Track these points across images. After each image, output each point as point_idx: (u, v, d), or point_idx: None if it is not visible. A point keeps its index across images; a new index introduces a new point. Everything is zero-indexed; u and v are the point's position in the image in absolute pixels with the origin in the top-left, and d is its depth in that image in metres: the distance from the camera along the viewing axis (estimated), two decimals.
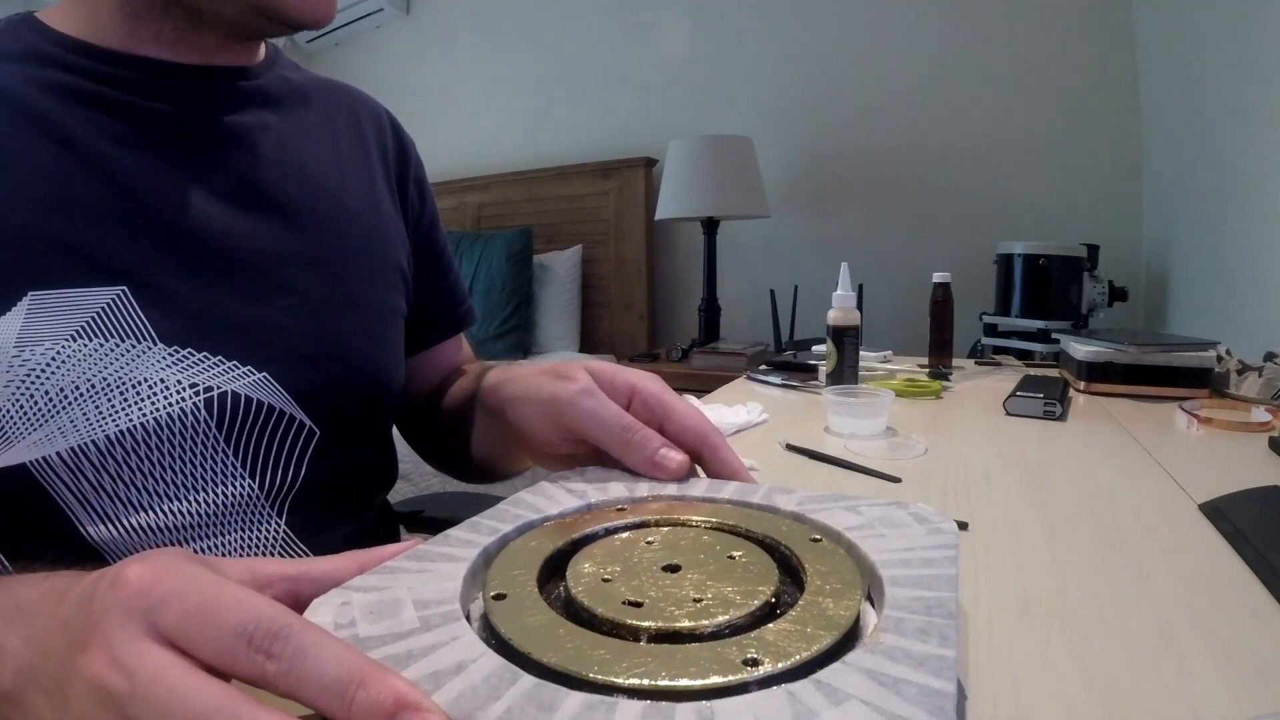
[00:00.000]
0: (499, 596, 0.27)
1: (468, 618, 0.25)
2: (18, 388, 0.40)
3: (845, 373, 0.94)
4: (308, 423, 0.49)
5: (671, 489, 0.37)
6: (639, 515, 0.34)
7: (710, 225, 2.20)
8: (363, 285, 0.54)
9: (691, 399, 0.89)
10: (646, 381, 0.40)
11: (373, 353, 0.54)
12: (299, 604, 0.25)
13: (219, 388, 0.44)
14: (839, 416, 0.76)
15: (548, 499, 0.36)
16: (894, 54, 2.19)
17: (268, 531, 0.47)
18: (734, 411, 0.81)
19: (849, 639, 0.24)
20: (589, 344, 2.62)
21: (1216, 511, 0.48)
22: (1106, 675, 0.30)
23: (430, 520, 0.83)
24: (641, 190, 2.49)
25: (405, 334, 0.62)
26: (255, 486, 0.46)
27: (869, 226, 2.23)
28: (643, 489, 0.37)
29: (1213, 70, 1.46)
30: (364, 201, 0.57)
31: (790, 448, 0.69)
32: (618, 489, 0.37)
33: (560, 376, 0.40)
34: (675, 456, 0.36)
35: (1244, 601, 0.37)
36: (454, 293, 0.68)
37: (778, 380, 1.07)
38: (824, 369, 0.99)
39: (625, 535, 0.32)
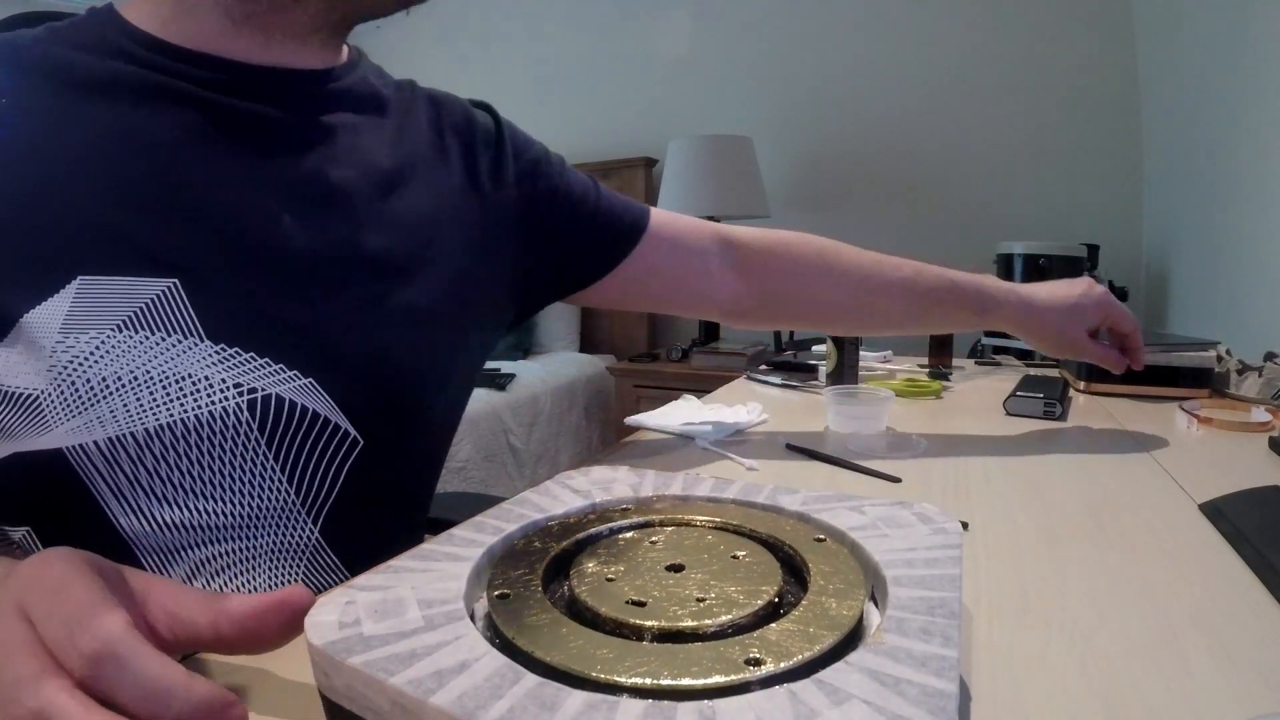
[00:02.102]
0: (503, 596, 0.27)
1: (471, 617, 0.26)
2: (59, 374, 0.39)
3: (845, 373, 0.95)
4: (352, 432, 0.47)
5: (676, 489, 0.37)
6: (643, 515, 0.34)
7: None
8: (425, 294, 0.52)
9: (691, 398, 0.89)
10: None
11: (423, 364, 0.52)
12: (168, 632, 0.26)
13: (263, 390, 0.44)
14: (839, 416, 0.76)
15: (552, 499, 0.36)
16: (894, 54, 2.19)
17: (300, 537, 0.46)
18: (734, 411, 0.82)
19: (852, 639, 0.24)
20: (589, 344, 2.63)
21: (1216, 511, 0.48)
22: (1106, 675, 0.30)
23: (431, 520, 0.83)
24: (641, 190, 2.49)
25: (587, 271, 0.65)
26: (292, 492, 0.46)
27: (869, 226, 2.23)
28: (647, 489, 0.37)
29: (1213, 70, 1.46)
30: (438, 208, 0.55)
31: (790, 448, 0.69)
32: (622, 489, 0.37)
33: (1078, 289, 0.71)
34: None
35: (1244, 601, 0.37)
36: (609, 216, 0.65)
37: (778, 380, 1.07)
38: (824, 369, 0.99)
39: (629, 535, 0.32)
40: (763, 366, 1.19)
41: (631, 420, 0.81)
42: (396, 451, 0.51)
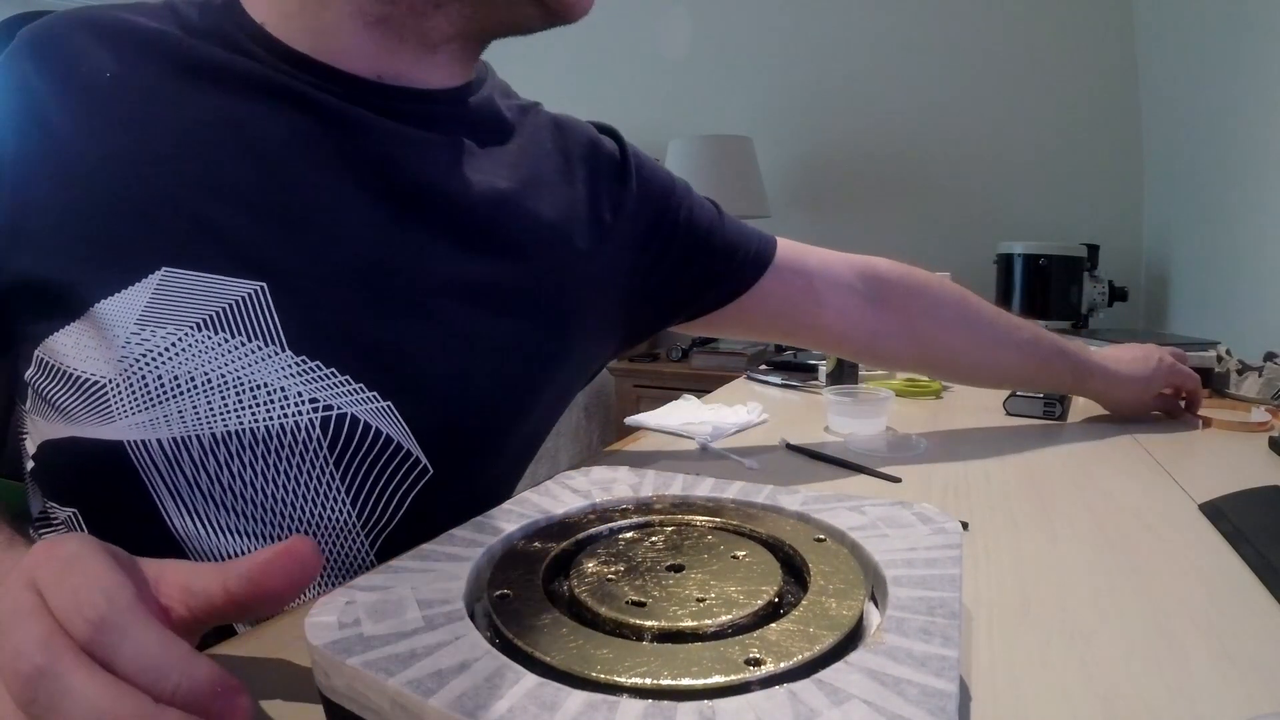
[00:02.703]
0: (503, 596, 0.27)
1: (471, 617, 0.25)
2: (130, 366, 0.38)
3: (845, 373, 0.94)
4: (423, 460, 0.45)
5: (677, 489, 0.37)
6: (643, 515, 0.34)
7: None
8: (524, 328, 0.50)
9: (691, 398, 0.89)
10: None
11: (508, 400, 0.50)
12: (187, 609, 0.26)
13: (339, 408, 0.42)
14: (839, 416, 0.76)
15: (553, 499, 0.36)
16: (894, 54, 2.19)
17: (354, 557, 0.45)
18: (734, 411, 0.82)
19: (852, 639, 0.24)
20: None
21: (1216, 511, 0.48)
22: (1106, 675, 0.30)
23: None
24: None
25: (717, 298, 0.63)
26: (353, 513, 0.44)
27: (869, 226, 2.23)
28: (647, 489, 0.37)
29: (1213, 70, 1.46)
30: (555, 238, 0.52)
31: (790, 448, 0.69)
32: (622, 489, 0.37)
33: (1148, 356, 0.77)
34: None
35: (1244, 601, 0.37)
36: (733, 247, 0.63)
37: (778, 380, 1.07)
38: (824, 369, 0.99)
39: (629, 535, 0.32)
40: (763, 366, 1.19)
41: (631, 420, 0.81)
42: (465, 481, 0.49)
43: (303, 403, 0.41)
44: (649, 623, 0.24)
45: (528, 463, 0.58)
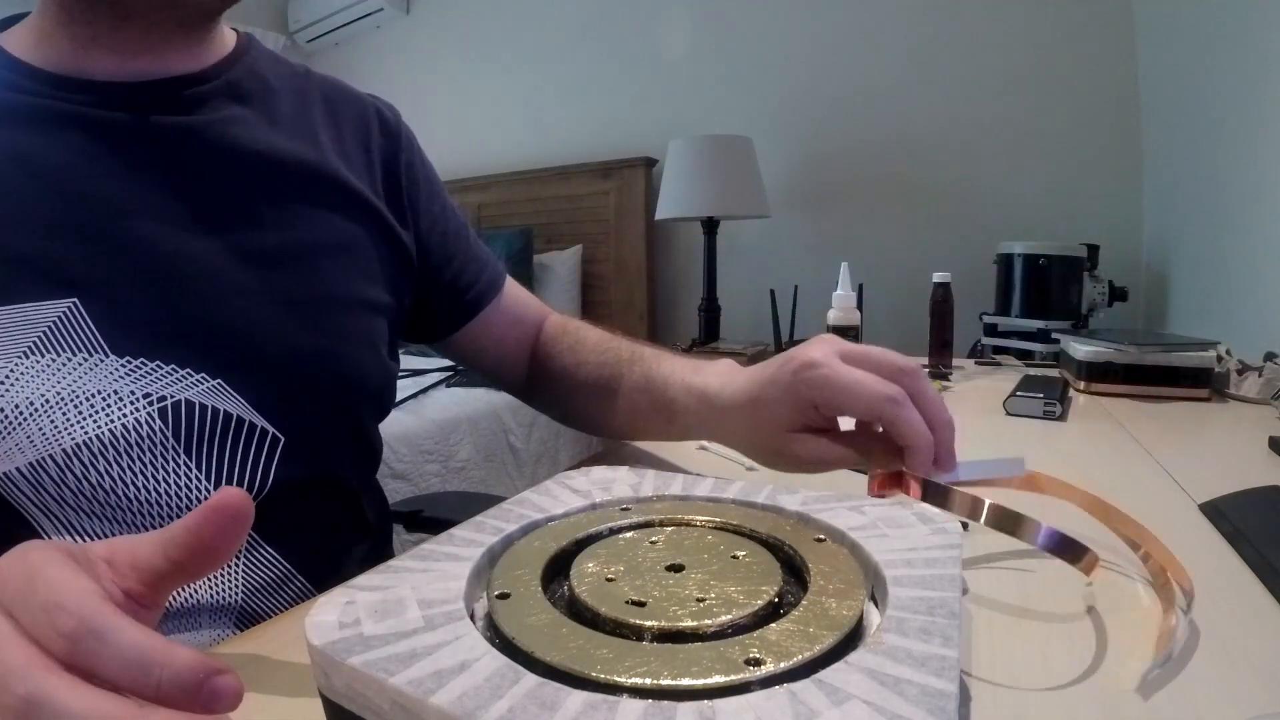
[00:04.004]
0: (503, 596, 0.27)
1: (471, 617, 0.25)
2: None
3: None
4: (270, 429, 0.47)
5: (677, 489, 0.37)
6: (643, 515, 0.34)
7: (710, 225, 2.20)
8: (330, 281, 0.52)
9: None
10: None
11: (337, 352, 0.52)
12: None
13: (172, 397, 0.44)
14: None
15: (552, 499, 0.36)
16: (894, 54, 2.19)
17: None
18: None
19: (852, 639, 0.24)
20: None
21: (1216, 511, 0.48)
22: (1107, 675, 0.30)
23: (430, 520, 0.83)
24: (641, 190, 2.49)
25: (439, 319, 0.65)
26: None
27: (869, 226, 2.23)
28: (647, 489, 0.37)
29: (1213, 70, 1.46)
30: (339, 193, 0.55)
31: None
32: (622, 489, 0.37)
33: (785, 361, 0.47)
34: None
35: (1244, 601, 0.37)
36: (468, 270, 0.65)
37: None
38: None
39: (629, 535, 0.32)
40: None
41: None
42: (323, 441, 0.51)
43: (137, 400, 0.43)
44: (649, 623, 0.24)
45: (383, 417, 0.60)
